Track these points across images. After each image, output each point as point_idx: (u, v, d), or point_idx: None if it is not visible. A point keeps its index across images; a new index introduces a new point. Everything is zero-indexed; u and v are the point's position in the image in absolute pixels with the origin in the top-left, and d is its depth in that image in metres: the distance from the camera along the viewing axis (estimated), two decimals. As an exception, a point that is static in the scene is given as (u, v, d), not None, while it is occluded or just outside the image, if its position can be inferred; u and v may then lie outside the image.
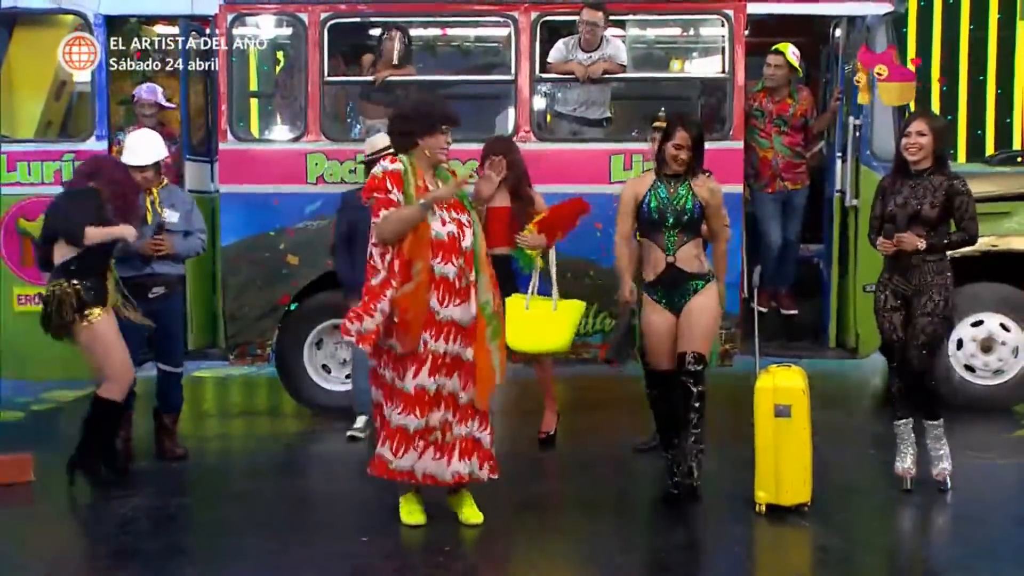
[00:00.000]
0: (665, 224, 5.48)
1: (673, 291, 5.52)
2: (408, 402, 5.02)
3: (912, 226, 5.58)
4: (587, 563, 4.95)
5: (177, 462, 6.54)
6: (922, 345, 5.65)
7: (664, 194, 5.50)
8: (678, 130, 5.51)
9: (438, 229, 5.05)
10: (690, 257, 5.50)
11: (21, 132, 7.80)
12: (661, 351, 5.59)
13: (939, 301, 5.62)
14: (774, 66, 7.67)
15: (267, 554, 5.10)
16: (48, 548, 5.38)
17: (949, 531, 5.60)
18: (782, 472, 5.38)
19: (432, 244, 5.02)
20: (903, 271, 5.67)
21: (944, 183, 5.60)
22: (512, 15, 7.54)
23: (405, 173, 5.09)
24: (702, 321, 5.52)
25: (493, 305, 5.22)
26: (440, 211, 5.09)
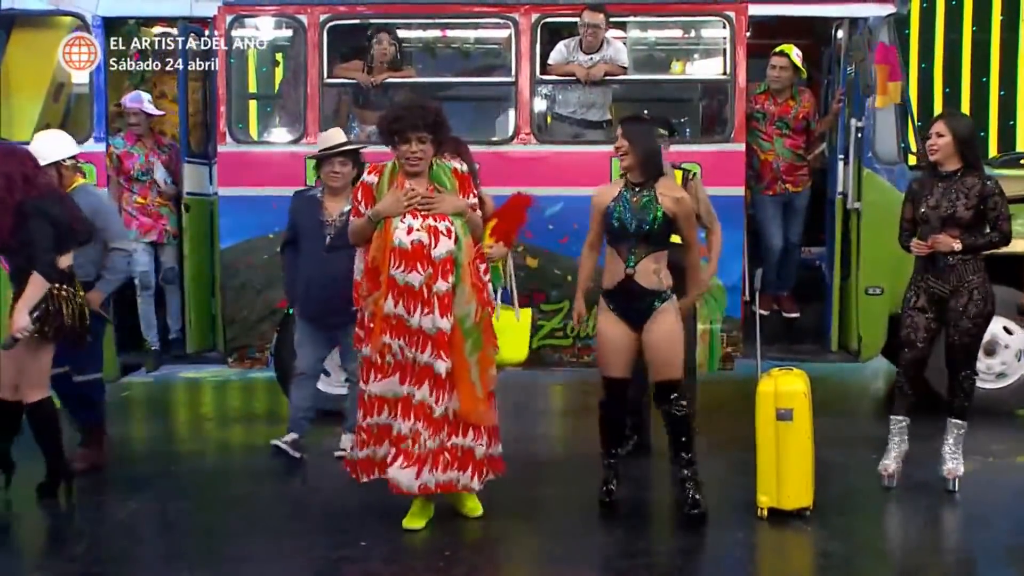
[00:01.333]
0: (627, 234, 5.31)
1: (629, 305, 5.36)
2: (368, 405, 5.15)
3: (946, 227, 5.59)
4: (588, 568, 4.93)
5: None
6: (963, 345, 5.69)
7: (628, 204, 5.34)
8: (616, 131, 5.46)
9: (401, 237, 4.97)
10: (648, 272, 5.31)
11: (19, 134, 7.76)
12: (614, 360, 5.46)
13: (978, 300, 5.64)
14: (779, 68, 7.66)
15: (266, 558, 5.09)
16: (45, 553, 5.38)
17: (952, 535, 5.59)
18: (784, 476, 5.37)
19: (393, 252, 4.98)
20: (939, 273, 5.68)
21: (977, 184, 5.61)
22: (512, 17, 7.54)
23: (379, 183, 5.11)
24: (667, 348, 5.37)
25: (474, 317, 5.09)
26: (409, 219, 5.00)
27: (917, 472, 6.04)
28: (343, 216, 6.15)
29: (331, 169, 6.36)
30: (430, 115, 5.05)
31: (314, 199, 6.50)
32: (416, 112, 5.05)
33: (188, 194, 7.73)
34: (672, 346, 5.39)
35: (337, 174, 6.36)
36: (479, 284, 5.17)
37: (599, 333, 5.53)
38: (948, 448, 5.82)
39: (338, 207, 6.34)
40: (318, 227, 6.37)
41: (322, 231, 6.35)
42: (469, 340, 5.06)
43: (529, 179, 7.03)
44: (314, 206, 6.44)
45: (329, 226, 6.34)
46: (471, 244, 5.15)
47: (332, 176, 6.37)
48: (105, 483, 6.31)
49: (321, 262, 6.26)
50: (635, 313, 5.35)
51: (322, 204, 6.43)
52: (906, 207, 5.88)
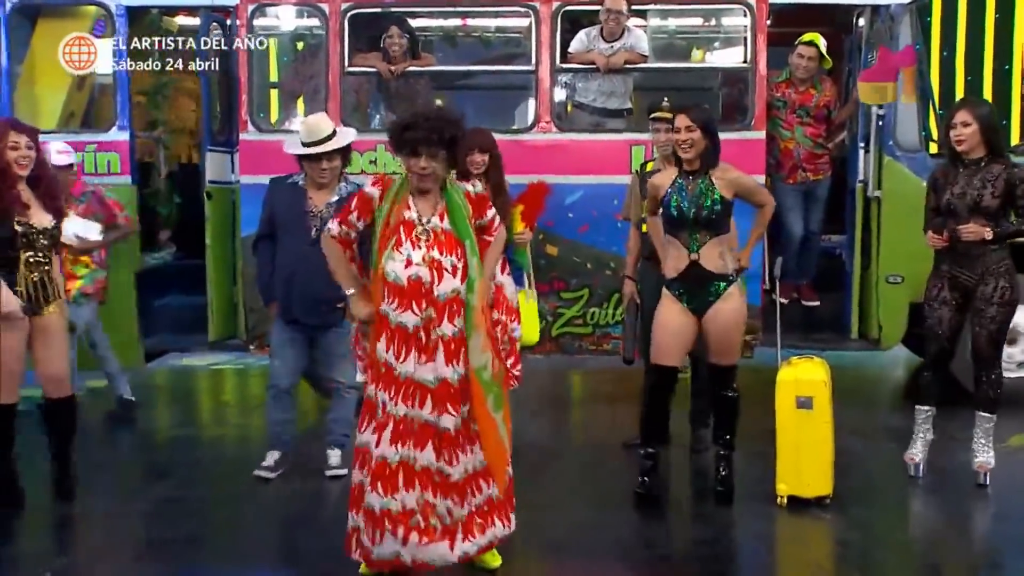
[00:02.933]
0: (687, 222, 5.29)
1: (696, 291, 5.34)
2: (373, 476, 4.33)
3: (973, 216, 5.50)
4: (608, 557, 4.88)
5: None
6: (990, 334, 5.63)
7: (684, 192, 5.31)
8: (677, 116, 5.34)
9: (397, 271, 4.31)
10: (713, 256, 5.29)
11: (44, 123, 7.76)
12: (670, 348, 5.42)
13: (1005, 287, 5.56)
14: (807, 57, 7.57)
15: (285, 545, 5.10)
16: (69, 540, 5.41)
17: (972, 525, 5.52)
18: (803, 464, 5.35)
19: (387, 286, 4.35)
20: (965, 262, 5.59)
21: (1003, 172, 5.52)
22: (533, 5, 7.47)
23: (381, 199, 4.44)
24: (732, 333, 5.40)
25: (492, 369, 4.36)
26: (410, 248, 4.34)
27: (941, 462, 5.99)
28: (330, 207, 5.72)
29: (319, 165, 5.78)
30: (447, 129, 4.38)
31: (296, 187, 5.91)
32: (432, 123, 4.37)
33: (210, 182, 7.71)
34: (736, 331, 5.45)
35: (325, 171, 5.80)
36: (493, 334, 4.45)
37: (659, 319, 5.47)
38: (978, 442, 5.76)
39: (324, 198, 5.82)
40: (301, 218, 5.81)
41: (306, 223, 5.79)
42: (491, 395, 4.34)
43: (549, 167, 6.98)
44: (297, 195, 5.87)
45: (315, 217, 5.77)
46: (485, 286, 4.46)
47: (321, 173, 5.80)
48: (129, 469, 6.31)
49: (305, 256, 5.60)
50: (702, 298, 5.34)
51: (306, 194, 5.86)
52: (930, 197, 5.79)
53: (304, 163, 5.83)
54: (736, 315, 5.39)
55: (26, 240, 5.34)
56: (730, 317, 5.36)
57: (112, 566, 4.92)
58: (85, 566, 4.92)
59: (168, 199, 8.41)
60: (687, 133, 5.26)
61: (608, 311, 7.31)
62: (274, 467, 5.93)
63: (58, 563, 4.93)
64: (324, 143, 5.74)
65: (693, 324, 5.38)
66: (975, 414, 5.77)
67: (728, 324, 5.36)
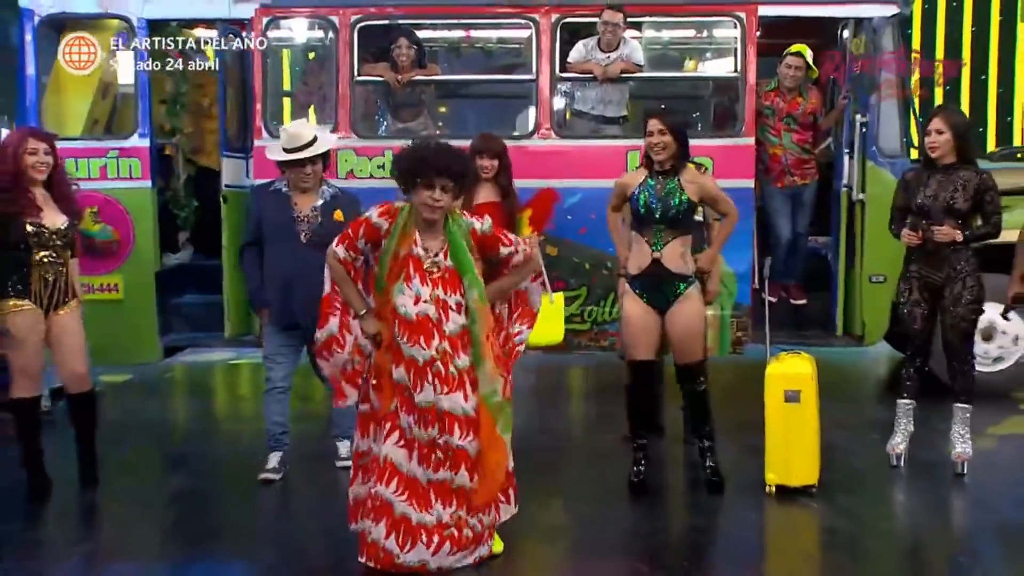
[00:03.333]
0: (653, 219, 5.27)
1: (655, 289, 5.32)
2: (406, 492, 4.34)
3: (946, 218, 5.54)
4: (609, 545, 4.87)
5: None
6: (961, 331, 5.66)
7: (653, 190, 5.29)
8: (651, 120, 5.31)
9: (406, 307, 4.29)
10: (675, 255, 5.28)
11: (69, 130, 7.78)
12: (640, 343, 5.41)
13: (972, 287, 5.60)
14: (794, 67, 7.57)
15: (299, 534, 5.09)
16: (90, 528, 5.41)
17: (952, 513, 5.53)
18: (791, 455, 5.36)
19: (396, 319, 4.33)
20: (933, 263, 5.63)
21: (974, 178, 5.56)
22: (533, 17, 7.48)
23: (390, 229, 4.35)
24: (691, 330, 5.38)
25: (501, 395, 4.40)
26: (417, 285, 4.30)
27: (921, 453, 6.00)
28: (315, 210, 5.65)
29: (302, 171, 5.65)
30: (459, 163, 4.35)
31: (280, 194, 5.75)
32: (445, 156, 4.30)
33: (226, 186, 7.70)
34: (696, 330, 5.42)
35: (308, 175, 5.67)
36: (502, 358, 4.50)
37: (625, 318, 5.47)
38: (957, 432, 5.77)
39: (309, 201, 5.69)
40: (290, 224, 5.64)
41: (294, 227, 5.64)
42: (501, 419, 4.40)
43: (549, 172, 6.99)
44: (281, 201, 5.71)
45: (302, 221, 5.64)
46: (488, 316, 4.43)
47: (305, 177, 5.66)
48: (148, 460, 6.32)
49: (299, 261, 5.53)
50: (662, 296, 5.33)
51: (290, 200, 5.71)
52: (898, 196, 5.83)
53: (287, 169, 5.69)
54: (696, 315, 5.38)
55: (38, 240, 5.37)
56: (691, 317, 5.36)
57: (133, 552, 4.93)
58: (108, 552, 4.92)
59: (186, 202, 8.41)
60: (660, 136, 5.26)
61: (605, 309, 7.31)
62: (277, 468, 5.82)
63: (83, 548, 4.95)
64: (306, 149, 5.63)
65: (657, 318, 5.37)
66: (952, 406, 5.79)
67: (689, 324, 5.36)
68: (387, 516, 4.34)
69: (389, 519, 4.33)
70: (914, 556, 4.93)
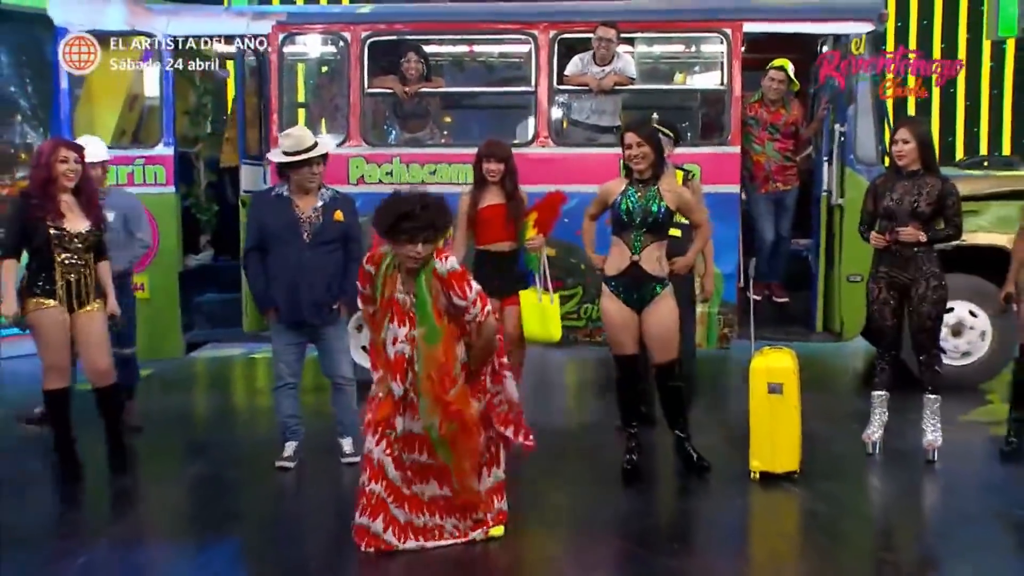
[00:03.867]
0: (633, 225, 5.26)
1: (632, 289, 5.32)
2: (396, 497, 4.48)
3: (910, 221, 5.57)
4: (606, 528, 4.89)
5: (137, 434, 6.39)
6: (927, 328, 5.68)
7: (635, 197, 5.28)
8: (626, 134, 5.33)
9: (388, 347, 4.42)
10: (652, 259, 5.29)
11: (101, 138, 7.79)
12: (624, 339, 5.42)
13: (935, 285, 5.62)
14: (776, 80, 7.59)
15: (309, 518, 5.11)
16: (117, 512, 5.42)
17: (924, 497, 5.55)
18: (774, 443, 5.38)
19: (383, 357, 4.45)
20: (899, 263, 5.65)
21: (938, 184, 5.60)
22: (533, 33, 7.50)
23: (376, 275, 4.41)
24: (665, 331, 5.38)
25: (438, 430, 4.34)
26: (395, 327, 4.38)
27: (895, 441, 6.01)
28: (316, 211, 5.61)
29: (309, 171, 5.60)
30: (439, 217, 4.30)
31: (281, 198, 5.67)
32: (428, 214, 4.25)
33: (245, 191, 7.71)
34: (671, 330, 5.41)
35: (315, 175, 5.64)
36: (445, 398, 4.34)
37: (607, 317, 5.47)
38: (927, 422, 5.79)
39: (310, 203, 5.64)
40: (294, 226, 5.59)
41: (298, 229, 5.59)
42: (440, 451, 4.39)
43: (548, 178, 6.98)
44: (284, 205, 5.64)
45: (305, 222, 5.59)
46: (433, 357, 4.33)
47: (310, 177, 5.61)
48: (171, 449, 6.32)
49: (301, 260, 5.56)
50: (638, 296, 5.33)
51: (292, 203, 5.64)
52: (868, 201, 5.86)
53: (292, 171, 5.61)
54: (670, 315, 5.38)
55: (60, 243, 5.40)
56: (665, 317, 5.36)
57: (158, 534, 4.95)
58: (135, 534, 4.93)
59: (208, 207, 8.42)
60: (638, 148, 5.27)
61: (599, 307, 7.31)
62: (292, 457, 5.81)
63: (112, 531, 4.96)
64: (310, 151, 5.60)
65: (635, 316, 5.38)
66: (923, 397, 5.80)
67: (663, 325, 5.36)
68: (383, 512, 4.45)
69: (386, 515, 4.45)
70: (887, 537, 4.95)
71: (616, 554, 4.61)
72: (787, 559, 4.58)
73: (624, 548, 4.64)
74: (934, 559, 4.56)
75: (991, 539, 4.78)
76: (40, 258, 5.41)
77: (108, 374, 5.67)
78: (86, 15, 7.59)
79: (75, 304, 5.47)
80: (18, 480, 5.70)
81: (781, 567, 4.46)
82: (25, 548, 4.64)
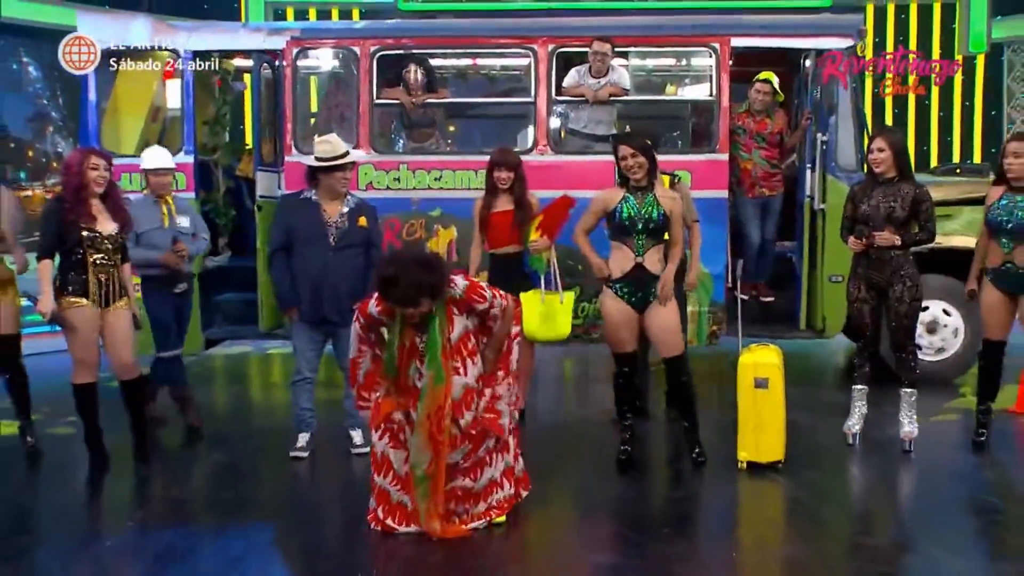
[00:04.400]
0: (636, 230, 5.27)
1: (637, 288, 5.31)
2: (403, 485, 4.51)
3: (886, 226, 5.56)
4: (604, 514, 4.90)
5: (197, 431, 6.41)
6: (904, 327, 5.67)
7: (634, 204, 5.27)
8: (620, 147, 5.32)
9: (415, 381, 4.43)
10: (654, 260, 5.32)
11: (124, 148, 7.80)
12: (623, 336, 5.41)
13: (911, 286, 5.61)
14: (762, 92, 7.57)
15: (322, 505, 5.10)
16: (144, 496, 5.43)
17: (901, 486, 5.54)
18: (760, 434, 5.37)
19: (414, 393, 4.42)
20: (877, 265, 5.64)
21: (912, 190, 5.59)
22: (532, 47, 7.50)
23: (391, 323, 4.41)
24: (671, 325, 5.37)
25: (424, 467, 4.35)
26: (416, 364, 4.40)
27: (873, 432, 6.01)
28: (343, 216, 5.63)
29: (342, 175, 5.63)
30: (427, 281, 4.20)
31: (309, 202, 5.68)
32: (411, 283, 4.15)
33: (261, 197, 7.70)
34: (676, 325, 5.42)
35: (346, 179, 5.68)
36: (438, 438, 4.35)
37: (609, 316, 5.43)
38: (904, 414, 5.79)
39: (336, 209, 5.66)
40: (320, 228, 5.60)
41: (325, 232, 5.60)
42: (419, 488, 4.39)
43: (547, 184, 6.97)
44: (311, 209, 5.65)
45: (332, 227, 5.61)
46: (435, 398, 4.33)
47: (342, 182, 5.64)
48: (192, 440, 6.32)
49: (329, 263, 5.58)
50: (643, 295, 5.32)
51: (320, 207, 5.65)
52: (847, 208, 5.85)
53: (325, 175, 5.62)
54: (673, 311, 5.38)
55: (91, 244, 5.41)
56: (668, 313, 5.36)
57: (180, 520, 4.94)
58: (158, 520, 4.93)
59: (226, 211, 8.41)
60: (633, 159, 5.26)
61: (596, 306, 7.28)
62: (306, 447, 5.83)
63: (137, 516, 4.97)
64: (343, 158, 5.64)
65: (636, 315, 5.37)
66: (900, 391, 5.79)
67: (668, 319, 5.35)
68: (386, 503, 4.52)
69: (388, 505, 4.52)
70: (866, 522, 4.93)
71: (611, 537, 4.60)
72: (772, 543, 4.57)
73: (619, 532, 4.63)
74: (909, 542, 4.55)
75: (962, 523, 4.79)
76: (72, 259, 5.42)
77: (134, 368, 5.67)
78: (113, 32, 7.59)
79: (105, 302, 5.48)
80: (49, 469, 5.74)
81: (767, 551, 4.45)
82: (58, 531, 4.68)
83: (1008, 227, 5.57)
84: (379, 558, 4.35)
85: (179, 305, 6.36)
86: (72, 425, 6.04)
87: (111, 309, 5.51)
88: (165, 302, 6.26)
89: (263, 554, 4.45)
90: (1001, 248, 5.63)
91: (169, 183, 6.33)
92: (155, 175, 6.25)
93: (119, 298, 5.55)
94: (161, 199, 6.29)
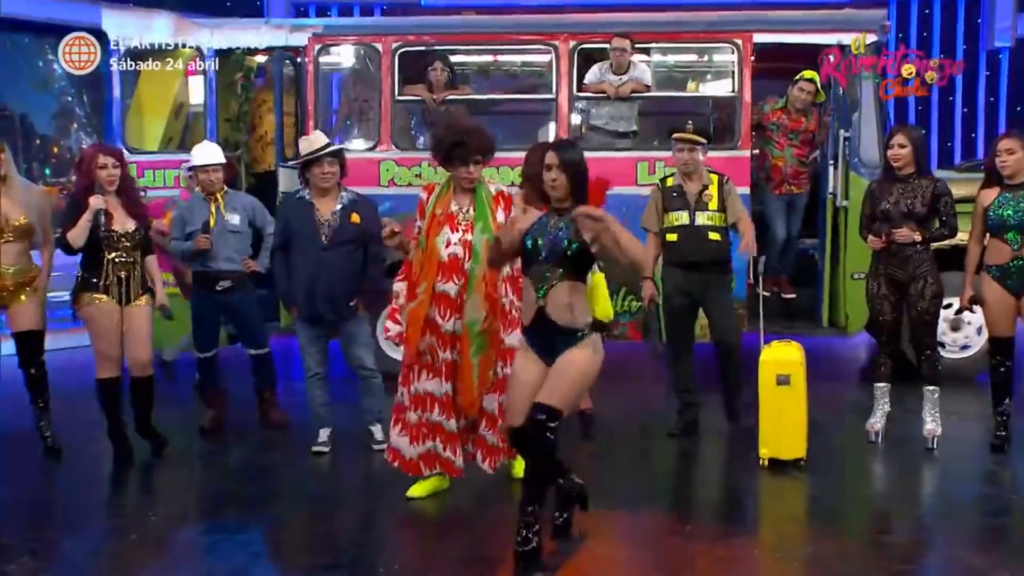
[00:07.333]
0: (537, 259, 3.94)
1: (544, 343, 3.94)
2: (413, 402, 4.83)
3: (906, 222, 5.52)
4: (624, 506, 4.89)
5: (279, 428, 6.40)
6: (925, 323, 5.64)
7: (545, 225, 3.97)
8: (547, 152, 4.01)
9: (442, 251, 4.69)
10: (560, 306, 3.86)
11: (148, 145, 7.86)
12: (516, 405, 3.98)
13: (932, 283, 5.58)
14: (807, 92, 7.51)
15: (348, 498, 5.12)
16: (167, 491, 5.46)
17: (923, 484, 5.51)
18: (782, 431, 5.36)
19: (436, 262, 4.69)
20: (897, 262, 5.61)
21: (931, 186, 5.55)
22: (554, 44, 7.50)
23: (434, 197, 4.82)
24: (565, 374, 3.86)
25: (481, 324, 4.66)
26: (448, 231, 4.72)
27: (896, 430, 5.97)
28: (335, 214, 5.62)
29: (321, 171, 5.59)
30: (487, 141, 4.78)
31: (303, 201, 5.69)
32: (476, 139, 4.71)
33: (283, 193, 7.73)
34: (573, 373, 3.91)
35: (327, 174, 5.60)
36: (494, 295, 4.70)
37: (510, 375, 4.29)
38: (927, 412, 5.76)
39: (329, 207, 5.64)
40: (313, 228, 5.60)
41: (317, 231, 5.61)
42: (474, 344, 4.68)
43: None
44: (304, 208, 5.66)
45: (324, 225, 5.61)
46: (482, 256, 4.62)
47: (323, 177, 5.60)
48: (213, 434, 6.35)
49: (322, 261, 5.58)
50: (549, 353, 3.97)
51: (313, 206, 5.65)
52: (866, 205, 5.82)
53: (308, 171, 5.63)
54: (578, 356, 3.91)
55: (108, 243, 5.45)
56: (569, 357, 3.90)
57: (203, 514, 4.99)
58: (180, 514, 4.97)
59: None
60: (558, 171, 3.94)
61: (617, 301, 7.31)
62: (326, 442, 5.86)
63: (160, 511, 5.00)
64: (324, 150, 5.62)
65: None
66: (923, 389, 5.76)
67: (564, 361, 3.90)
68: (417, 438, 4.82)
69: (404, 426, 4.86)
70: (886, 520, 4.90)
71: (631, 534, 4.60)
72: (793, 541, 4.55)
73: (638, 528, 4.65)
74: (930, 541, 4.53)
75: (984, 522, 4.76)
76: (92, 256, 5.48)
77: (147, 365, 5.73)
78: (136, 29, 7.64)
79: (125, 299, 5.52)
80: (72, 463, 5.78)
81: (788, 548, 4.44)
82: (82, 525, 4.71)
83: (1014, 222, 5.50)
84: (401, 551, 4.37)
85: (225, 303, 6.26)
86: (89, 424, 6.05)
87: (131, 306, 5.57)
88: (206, 301, 6.24)
89: (285, 548, 4.48)
90: (1009, 244, 5.55)
91: (219, 179, 6.20)
92: (204, 171, 6.16)
93: (140, 295, 5.59)
94: (211, 196, 6.21)
